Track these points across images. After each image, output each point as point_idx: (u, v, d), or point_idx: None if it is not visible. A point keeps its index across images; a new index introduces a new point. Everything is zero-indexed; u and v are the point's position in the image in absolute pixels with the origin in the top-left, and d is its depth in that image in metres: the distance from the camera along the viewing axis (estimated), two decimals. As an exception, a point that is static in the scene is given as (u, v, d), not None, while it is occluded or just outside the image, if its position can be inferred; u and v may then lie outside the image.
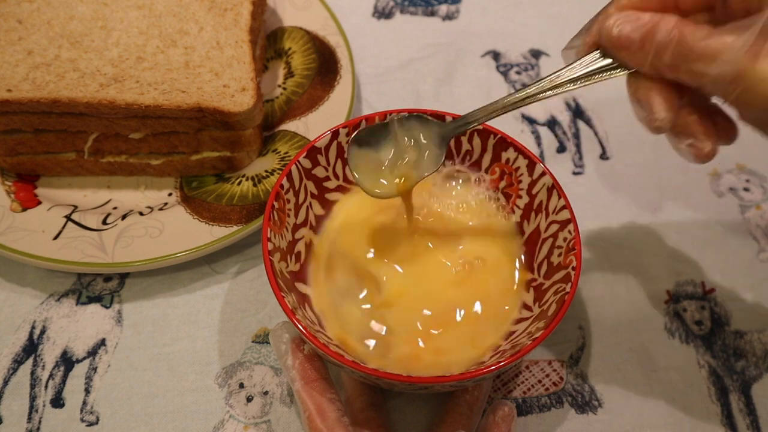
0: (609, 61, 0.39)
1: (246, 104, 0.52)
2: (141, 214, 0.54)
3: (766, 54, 0.33)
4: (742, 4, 0.36)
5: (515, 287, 0.47)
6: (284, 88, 0.62)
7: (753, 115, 0.36)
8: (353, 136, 0.46)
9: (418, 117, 0.46)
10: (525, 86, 0.42)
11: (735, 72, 0.34)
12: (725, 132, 0.40)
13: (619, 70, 0.39)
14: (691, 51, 0.35)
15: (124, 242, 0.51)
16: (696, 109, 0.39)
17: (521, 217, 0.49)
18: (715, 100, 0.40)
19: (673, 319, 0.52)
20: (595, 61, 0.40)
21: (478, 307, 0.46)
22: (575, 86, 0.40)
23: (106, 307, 0.52)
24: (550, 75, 0.41)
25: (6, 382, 0.48)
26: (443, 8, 0.72)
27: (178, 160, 0.56)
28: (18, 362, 0.49)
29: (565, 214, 0.45)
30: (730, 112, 0.39)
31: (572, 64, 0.41)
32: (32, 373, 0.49)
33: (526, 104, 0.41)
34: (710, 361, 0.50)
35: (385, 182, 0.46)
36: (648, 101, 0.38)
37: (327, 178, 0.50)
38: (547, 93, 0.41)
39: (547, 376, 0.49)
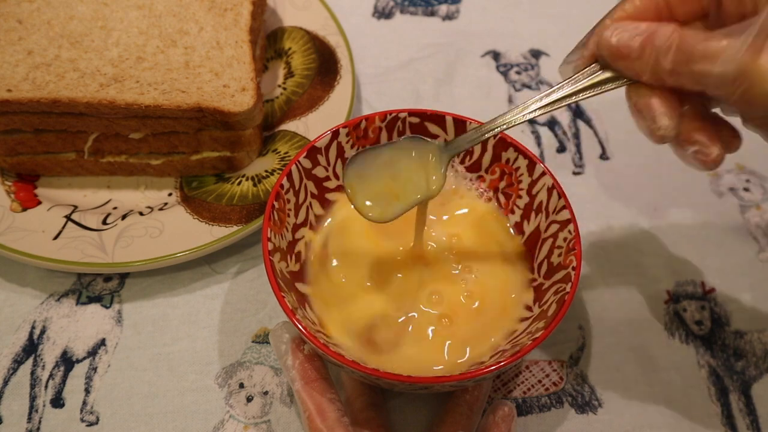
0: (608, 74, 0.39)
1: (246, 104, 0.52)
2: (141, 214, 0.54)
3: (766, 50, 0.33)
4: (738, 8, 0.36)
5: (515, 287, 0.47)
6: (284, 88, 0.62)
7: (757, 114, 0.36)
8: (350, 158, 0.44)
9: (417, 138, 0.44)
10: (520, 104, 0.41)
11: (737, 69, 0.33)
12: (728, 140, 0.39)
13: (618, 81, 0.39)
14: (693, 52, 0.35)
15: (124, 242, 0.51)
16: (698, 117, 0.38)
17: (521, 217, 0.49)
18: (717, 109, 0.40)
19: (673, 319, 0.52)
20: (594, 74, 0.40)
21: (477, 306, 0.47)
22: (574, 99, 0.40)
23: (106, 307, 0.52)
24: (550, 89, 0.40)
25: (6, 382, 0.48)
26: (443, 8, 0.72)
27: (178, 160, 0.56)
28: (18, 362, 0.49)
29: (565, 214, 0.45)
30: (732, 120, 0.39)
31: (570, 78, 0.40)
32: (32, 373, 0.49)
33: (524, 120, 0.41)
34: (710, 361, 0.50)
35: (383, 205, 0.44)
36: (650, 110, 0.38)
37: (327, 178, 0.50)
38: (545, 109, 0.40)
39: (547, 376, 0.49)
